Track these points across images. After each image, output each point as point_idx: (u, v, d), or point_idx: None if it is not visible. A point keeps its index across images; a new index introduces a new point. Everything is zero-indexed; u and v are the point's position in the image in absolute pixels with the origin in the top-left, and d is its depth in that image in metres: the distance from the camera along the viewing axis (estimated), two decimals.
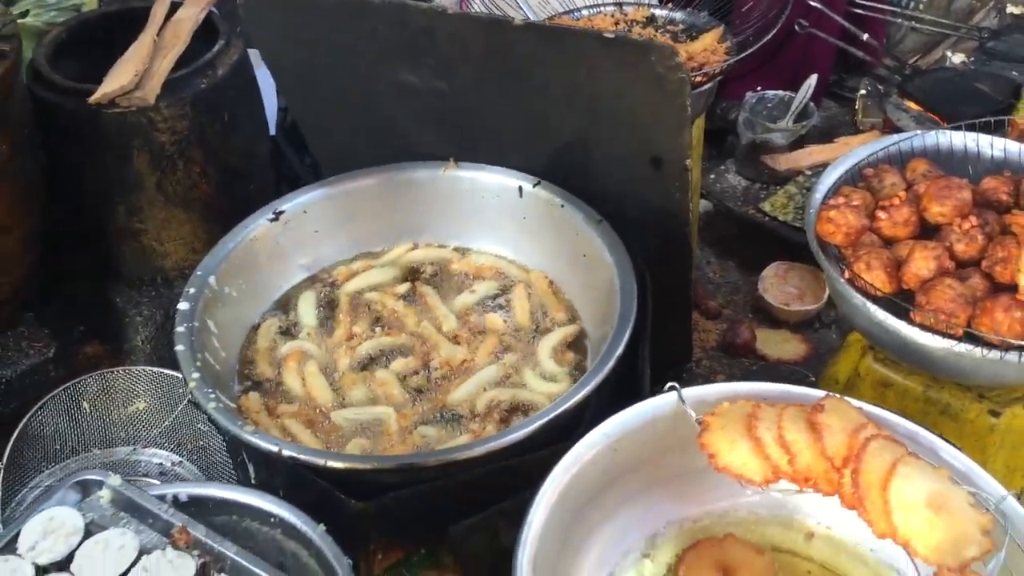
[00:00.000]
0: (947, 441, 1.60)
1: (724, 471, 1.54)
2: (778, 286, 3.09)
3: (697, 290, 3.19)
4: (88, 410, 2.23)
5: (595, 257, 1.98)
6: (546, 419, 1.62)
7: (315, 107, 2.35)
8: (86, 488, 1.62)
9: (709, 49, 2.43)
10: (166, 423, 2.25)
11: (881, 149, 2.13)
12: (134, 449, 2.24)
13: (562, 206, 2.05)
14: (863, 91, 3.02)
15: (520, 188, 2.11)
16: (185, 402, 2.24)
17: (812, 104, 3.26)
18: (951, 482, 1.48)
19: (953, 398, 1.92)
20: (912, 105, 2.87)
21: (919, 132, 2.15)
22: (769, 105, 3.34)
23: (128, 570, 1.48)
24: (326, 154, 2.41)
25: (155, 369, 2.26)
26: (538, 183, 2.09)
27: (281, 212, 2.10)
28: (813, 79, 3.22)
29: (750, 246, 3.29)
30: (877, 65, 3.41)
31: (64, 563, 1.49)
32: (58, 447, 2.18)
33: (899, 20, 3.30)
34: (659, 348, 1.96)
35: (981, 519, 1.45)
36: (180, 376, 2.21)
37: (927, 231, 1.89)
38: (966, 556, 1.40)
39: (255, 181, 2.50)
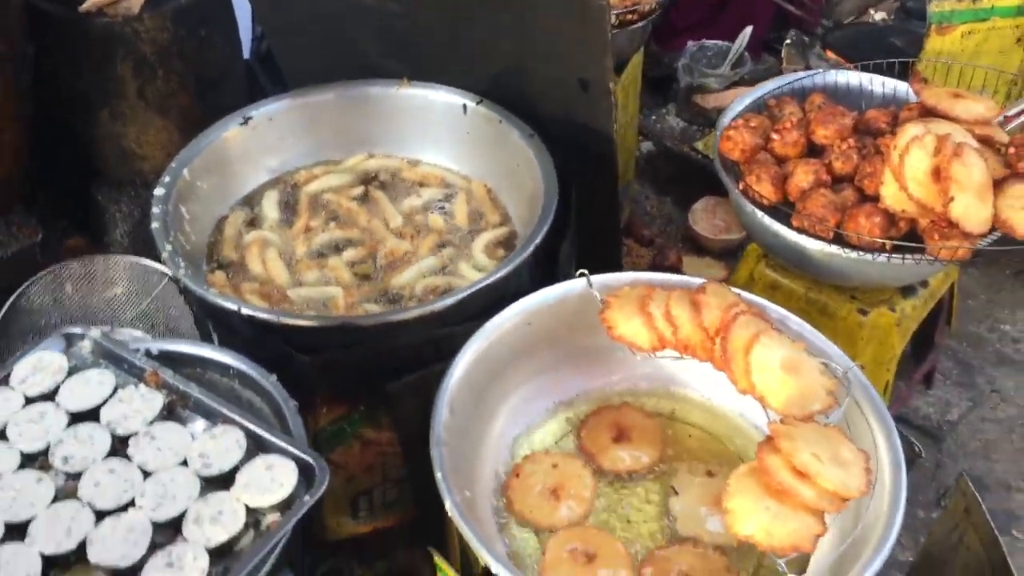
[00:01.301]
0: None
1: (619, 340, 1.77)
2: (707, 219, 3.34)
3: (633, 221, 3.43)
4: (71, 292, 2.42)
5: (526, 167, 2.19)
6: (469, 291, 1.84)
7: (286, 29, 2.54)
8: (70, 340, 1.82)
9: None
10: (141, 307, 2.45)
11: (786, 84, 2.35)
12: (112, 329, 2.44)
13: (500, 122, 2.26)
14: (788, 41, 3.24)
15: (465, 106, 2.32)
16: (159, 288, 2.45)
17: (747, 54, 3.49)
18: (806, 352, 1.72)
19: (829, 299, 2.17)
20: (831, 55, 3.10)
21: (820, 71, 2.38)
22: (709, 54, 3.56)
23: (105, 401, 1.70)
24: (295, 74, 2.60)
25: (133, 258, 2.44)
26: (481, 101, 2.30)
27: (250, 118, 2.29)
28: (748, 30, 3.45)
29: (685, 183, 3.53)
30: (815, 24, 3.63)
31: (50, 394, 1.70)
32: (43, 323, 2.38)
33: None
34: (591, 267, 2.17)
35: (827, 382, 1.70)
36: (155, 266, 2.43)
37: (815, 152, 2.12)
38: (810, 409, 1.64)
39: (229, 96, 2.68)
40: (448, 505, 1.53)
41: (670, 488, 1.79)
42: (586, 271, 1.88)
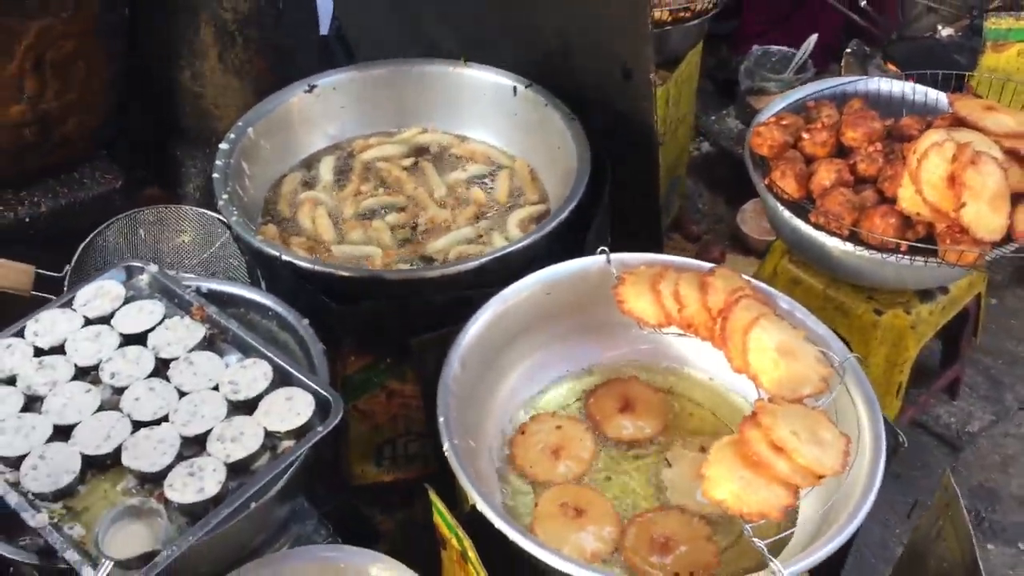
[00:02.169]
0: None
1: (628, 314, 1.86)
2: (755, 219, 3.37)
3: (684, 217, 3.49)
4: (143, 236, 2.60)
5: (566, 149, 2.28)
6: (491, 256, 1.95)
7: (356, 7, 2.69)
8: (130, 272, 1.99)
9: None
10: (204, 255, 2.62)
11: (828, 88, 2.40)
12: (176, 273, 2.62)
13: (545, 105, 2.36)
14: (849, 50, 3.25)
15: (515, 88, 2.42)
16: (222, 240, 2.62)
17: (811, 61, 3.51)
18: (804, 340, 1.78)
19: (847, 297, 2.21)
20: (891, 67, 3.10)
21: (864, 77, 2.41)
22: (773, 59, 3.59)
23: (154, 328, 1.86)
24: (362, 49, 2.75)
25: (201, 210, 2.62)
26: (530, 85, 2.40)
27: (315, 86, 2.44)
28: (813, 38, 3.47)
29: (739, 184, 3.54)
30: (884, 38, 3.62)
31: (107, 318, 1.87)
32: (115, 262, 2.56)
33: None
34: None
35: (822, 370, 1.75)
36: (220, 218, 2.60)
37: (844, 155, 2.16)
38: (801, 392, 1.71)
39: (302, 67, 2.82)
40: (446, 447, 1.63)
41: (664, 459, 1.87)
42: (607, 248, 1.97)
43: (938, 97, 2.35)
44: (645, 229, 2.66)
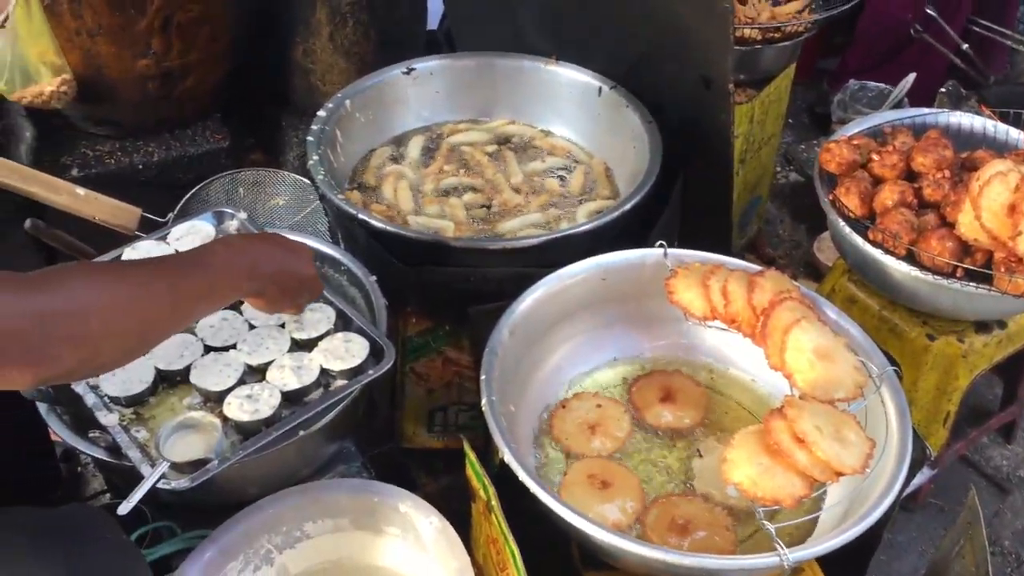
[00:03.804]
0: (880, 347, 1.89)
1: (676, 304, 1.91)
2: (832, 248, 3.36)
3: (760, 239, 3.49)
4: (242, 195, 2.77)
5: (641, 150, 2.34)
6: (552, 236, 2.03)
7: (467, 7, 2.82)
8: (221, 217, 2.14)
9: (791, 13, 2.73)
10: (296, 219, 2.77)
11: (908, 117, 2.40)
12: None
13: (626, 107, 2.43)
14: (944, 90, 3.22)
15: (600, 89, 2.50)
16: (312, 206, 2.76)
17: (907, 101, 3.48)
18: (845, 347, 1.80)
19: (901, 319, 2.20)
20: (985, 109, 3.06)
21: (946, 111, 2.41)
22: (870, 95, 3.58)
23: None
24: (463, 40, 2.88)
25: (297, 176, 2.78)
26: (614, 87, 2.48)
27: (413, 69, 2.57)
28: (911, 76, 3.44)
29: (823, 214, 3.54)
30: (984, 83, 3.58)
31: None
32: None
33: (1008, 42, 3.46)
34: None
35: (858, 377, 1.77)
36: (313, 185, 2.75)
37: (913, 180, 2.17)
38: (833, 395, 1.72)
39: (406, 55, 2.97)
40: (484, 402, 1.71)
41: (696, 450, 1.91)
42: (664, 243, 2.02)
43: (1020, 137, 2.33)
44: (715, 239, 2.69)
